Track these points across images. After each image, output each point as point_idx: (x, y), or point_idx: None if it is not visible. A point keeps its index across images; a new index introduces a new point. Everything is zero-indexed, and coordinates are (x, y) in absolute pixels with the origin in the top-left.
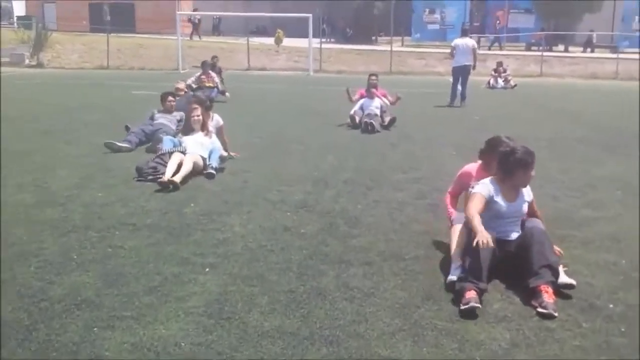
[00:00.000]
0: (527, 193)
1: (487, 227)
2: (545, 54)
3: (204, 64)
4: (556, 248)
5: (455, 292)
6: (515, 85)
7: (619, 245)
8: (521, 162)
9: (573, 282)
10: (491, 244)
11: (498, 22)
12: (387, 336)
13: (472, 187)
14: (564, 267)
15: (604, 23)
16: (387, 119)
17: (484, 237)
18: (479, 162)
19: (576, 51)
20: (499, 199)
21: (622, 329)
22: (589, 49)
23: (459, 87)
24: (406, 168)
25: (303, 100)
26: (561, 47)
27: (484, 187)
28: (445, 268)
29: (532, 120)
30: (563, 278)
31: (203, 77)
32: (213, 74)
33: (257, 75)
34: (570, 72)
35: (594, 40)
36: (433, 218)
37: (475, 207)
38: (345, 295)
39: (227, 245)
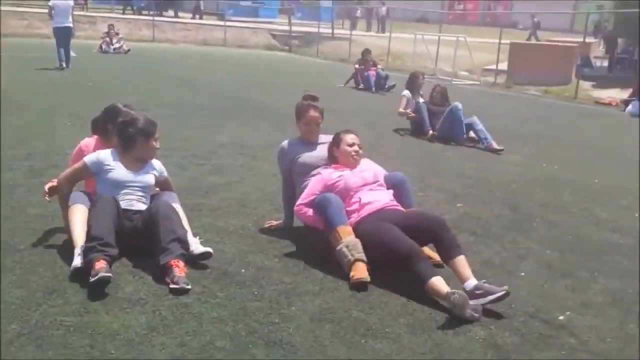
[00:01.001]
0: (158, 167)
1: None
2: (156, 18)
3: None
4: None
5: (84, 274)
6: (129, 50)
7: (244, 209)
8: (143, 133)
9: (209, 249)
10: None
11: None
12: (4, 345)
13: None
14: (197, 237)
15: None
16: None
17: None
18: (96, 136)
19: (186, 17)
20: (116, 167)
21: (255, 292)
22: (197, 16)
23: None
24: (14, 143)
25: None
26: (171, 13)
27: (91, 157)
28: (69, 255)
29: (151, 87)
30: (198, 248)
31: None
32: None
33: None
34: (183, 38)
35: (202, 8)
36: (49, 198)
37: (69, 174)
38: None
39: None
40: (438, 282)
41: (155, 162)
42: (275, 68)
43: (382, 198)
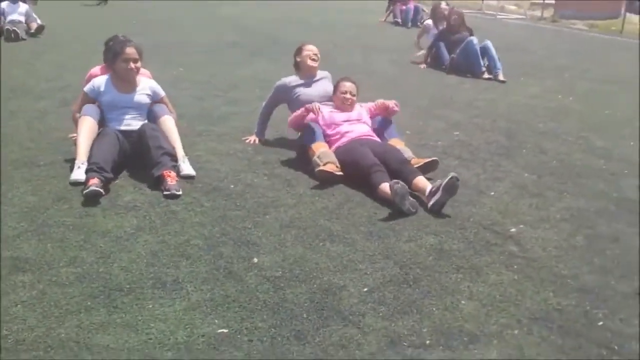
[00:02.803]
0: (152, 88)
1: (108, 119)
2: None
3: None
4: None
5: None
6: None
7: (245, 135)
8: (113, 52)
9: (193, 173)
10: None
11: None
12: (10, 239)
13: None
14: (186, 157)
15: None
16: (33, 26)
17: None
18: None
19: None
20: (107, 91)
21: (238, 203)
22: None
23: None
24: (52, 77)
25: None
26: None
27: (88, 85)
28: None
29: (191, 26)
30: (187, 170)
31: None
32: None
33: None
34: None
35: None
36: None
37: (76, 104)
38: None
39: None
40: (386, 187)
41: (148, 83)
42: (320, 5)
43: (361, 130)
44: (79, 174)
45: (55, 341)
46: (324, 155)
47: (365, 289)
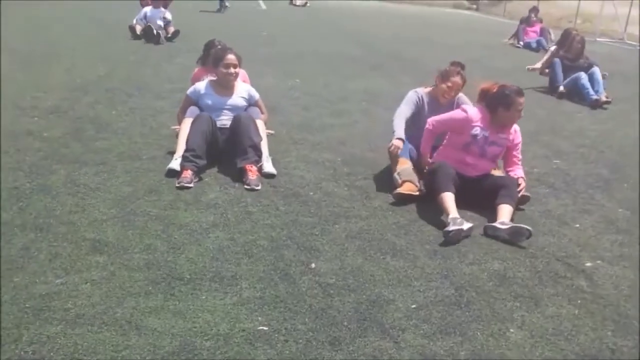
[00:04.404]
0: (248, 92)
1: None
2: None
3: None
4: None
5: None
6: (307, 4)
7: (341, 147)
8: (218, 58)
9: (273, 171)
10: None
11: None
12: (97, 222)
13: None
14: (270, 157)
15: None
16: (170, 30)
17: None
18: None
19: None
20: (207, 93)
21: (312, 211)
22: None
23: None
24: (175, 79)
25: (95, 9)
26: None
27: (191, 89)
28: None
29: (315, 39)
30: (268, 168)
31: None
32: None
33: None
34: None
35: None
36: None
37: (181, 105)
38: (70, 190)
39: None
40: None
41: (245, 87)
42: (450, 26)
43: (479, 168)
44: (175, 164)
45: (110, 319)
46: (404, 172)
47: (414, 306)
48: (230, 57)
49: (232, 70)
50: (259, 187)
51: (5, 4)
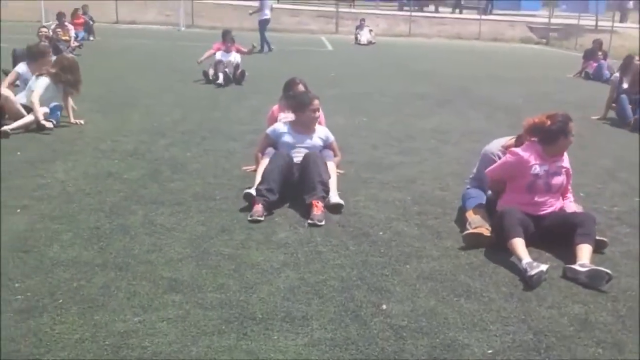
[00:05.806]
0: (324, 133)
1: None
2: (413, 14)
3: (59, 16)
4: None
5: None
6: (373, 42)
7: (411, 185)
8: (304, 103)
9: (341, 201)
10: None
11: None
12: (173, 262)
13: None
14: (338, 192)
15: None
16: (238, 72)
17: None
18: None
19: (446, 12)
20: (287, 132)
21: (382, 250)
22: (457, 10)
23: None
24: (246, 121)
25: (167, 56)
26: (432, 8)
27: (270, 129)
28: (250, 207)
29: (383, 77)
30: (334, 199)
31: (59, 29)
32: (70, 26)
33: (125, 29)
34: (437, 32)
35: (463, 2)
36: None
37: (260, 144)
38: (147, 230)
39: (45, 189)
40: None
41: (322, 129)
42: (519, 61)
43: (549, 204)
44: (251, 190)
45: (185, 358)
46: (474, 221)
47: (490, 351)
48: (317, 103)
49: (317, 114)
50: (322, 223)
51: (84, 56)
